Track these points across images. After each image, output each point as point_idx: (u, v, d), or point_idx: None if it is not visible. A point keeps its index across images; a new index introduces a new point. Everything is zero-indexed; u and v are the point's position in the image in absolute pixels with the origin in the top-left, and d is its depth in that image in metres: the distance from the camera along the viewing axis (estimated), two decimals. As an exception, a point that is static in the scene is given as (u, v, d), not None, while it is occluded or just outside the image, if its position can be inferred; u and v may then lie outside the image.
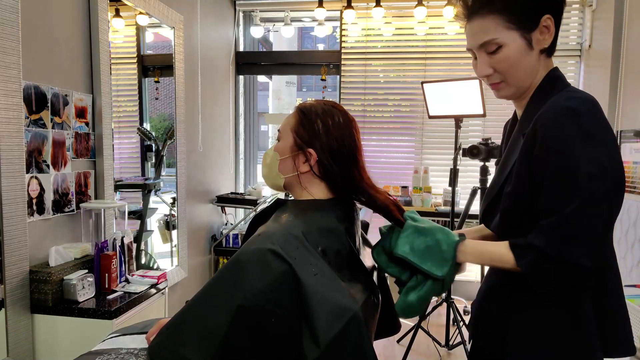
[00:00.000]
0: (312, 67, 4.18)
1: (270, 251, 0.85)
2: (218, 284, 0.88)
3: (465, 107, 2.84)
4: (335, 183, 1.01)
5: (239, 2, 4.06)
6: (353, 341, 0.83)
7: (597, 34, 3.44)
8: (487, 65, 0.97)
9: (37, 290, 1.74)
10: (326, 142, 0.99)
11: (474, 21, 0.96)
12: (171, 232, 3.01)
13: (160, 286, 2.09)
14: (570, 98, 0.89)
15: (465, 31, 1.00)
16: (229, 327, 0.81)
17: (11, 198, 1.65)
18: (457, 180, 2.85)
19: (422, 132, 3.90)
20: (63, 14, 1.93)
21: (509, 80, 0.98)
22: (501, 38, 0.93)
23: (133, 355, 1.04)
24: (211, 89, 3.52)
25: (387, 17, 3.87)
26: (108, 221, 2.14)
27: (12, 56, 1.62)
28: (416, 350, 2.89)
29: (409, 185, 3.72)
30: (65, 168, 1.94)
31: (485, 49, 0.96)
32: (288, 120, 1.05)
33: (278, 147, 1.04)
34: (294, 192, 1.06)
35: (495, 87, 1.01)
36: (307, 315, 0.82)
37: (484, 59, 0.97)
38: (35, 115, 1.77)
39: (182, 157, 2.97)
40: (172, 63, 2.85)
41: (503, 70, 0.96)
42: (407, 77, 3.94)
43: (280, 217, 0.99)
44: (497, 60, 0.96)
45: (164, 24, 2.76)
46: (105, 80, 2.13)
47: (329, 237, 0.96)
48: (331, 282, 0.86)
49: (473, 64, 1.02)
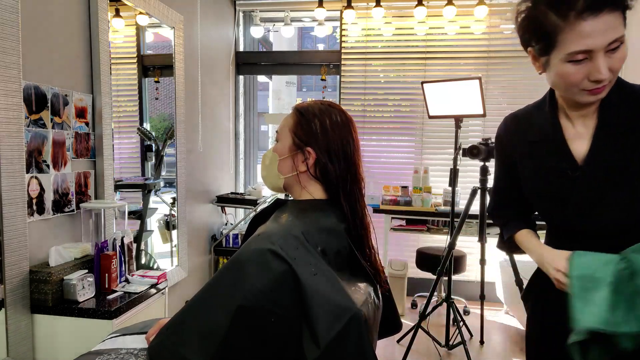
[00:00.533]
0: (312, 67, 4.18)
1: (270, 251, 0.85)
2: (218, 284, 0.88)
3: (465, 107, 2.83)
4: (334, 182, 1.01)
5: (239, 2, 4.06)
6: (353, 341, 0.83)
7: (597, 34, 3.43)
8: (607, 66, 0.88)
9: (37, 290, 1.74)
10: (324, 142, 0.99)
11: (602, 17, 0.84)
12: (171, 232, 3.01)
13: (160, 286, 2.09)
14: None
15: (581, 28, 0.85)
16: (228, 327, 0.81)
17: (11, 198, 1.65)
18: (457, 180, 2.85)
19: (422, 132, 3.90)
20: (63, 14, 1.93)
21: (613, 80, 0.92)
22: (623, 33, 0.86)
23: (133, 355, 1.04)
24: (211, 89, 3.52)
25: (387, 17, 3.86)
26: (108, 221, 2.15)
27: (12, 56, 1.62)
28: (416, 350, 2.89)
29: (409, 185, 3.72)
30: (65, 168, 1.94)
31: (611, 48, 0.87)
32: (286, 121, 1.05)
33: (277, 148, 1.05)
34: (293, 192, 1.06)
35: (601, 90, 0.92)
36: (307, 315, 0.82)
37: (605, 59, 0.87)
38: (35, 115, 1.77)
39: (182, 157, 2.97)
40: (172, 63, 2.85)
41: (617, 69, 0.90)
42: (407, 77, 3.94)
43: (280, 217, 0.99)
44: (617, 59, 0.88)
45: (164, 24, 2.76)
46: (105, 80, 2.13)
47: (329, 237, 0.96)
48: (331, 282, 0.86)
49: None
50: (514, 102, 3.73)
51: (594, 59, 0.87)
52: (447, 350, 2.92)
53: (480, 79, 2.67)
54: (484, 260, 2.91)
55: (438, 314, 3.43)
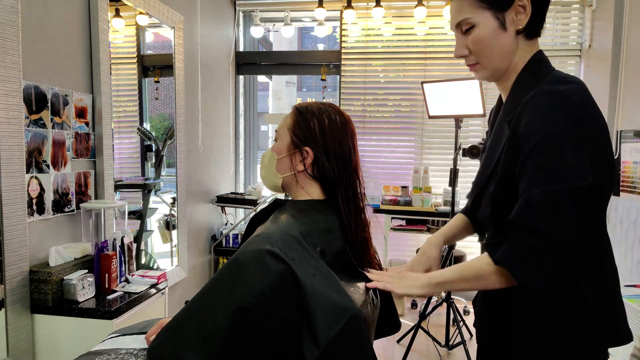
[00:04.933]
0: (312, 67, 4.18)
1: (269, 252, 0.85)
2: (217, 285, 0.88)
3: (465, 107, 2.84)
4: (329, 183, 1.01)
5: (239, 2, 4.06)
6: (352, 341, 0.83)
7: (597, 34, 3.43)
8: (463, 45, 0.97)
9: (37, 290, 1.74)
10: (322, 141, 1.00)
11: (454, 0, 0.97)
12: (171, 232, 3.01)
13: (160, 286, 2.09)
14: (559, 82, 0.87)
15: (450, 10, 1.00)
16: (228, 327, 0.81)
17: (11, 198, 1.65)
18: (457, 180, 2.85)
19: (422, 132, 3.90)
20: (63, 14, 1.93)
21: (483, 62, 0.96)
22: (473, 18, 0.93)
23: (133, 355, 1.04)
24: (211, 89, 3.52)
25: (387, 17, 3.87)
26: (108, 221, 2.15)
27: (12, 56, 1.62)
28: (416, 350, 2.89)
29: (409, 185, 3.73)
30: (65, 168, 1.94)
31: (461, 29, 0.96)
32: (285, 120, 1.06)
33: (275, 147, 1.05)
34: (291, 192, 1.06)
35: (472, 68, 1.00)
36: (306, 315, 0.82)
37: (460, 39, 0.97)
38: (35, 115, 1.77)
39: (182, 157, 2.97)
40: (172, 63, 2.85)
41: (476, 51, 0.95)
42: (407, 77, 3.94)
43: (279, 217, 0.99)
44: (470, 41, 0.95)
45: (164, 24, 2.76)
46: (105, 80, 2.13)
47: (328, 237, 0.96)
48: (330, 282, 0.86)
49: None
50: (514, 102, 3.72)
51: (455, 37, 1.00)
52: (447, 350, 2.92)
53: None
54: (484, 260, 2.90)
55: (438, 314, 3.43)
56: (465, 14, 0.93)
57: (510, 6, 0.91)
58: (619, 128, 2.96)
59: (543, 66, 0.94)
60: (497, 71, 0.97)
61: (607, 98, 3.11)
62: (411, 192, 3.66)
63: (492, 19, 0.92)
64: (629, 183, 2.82)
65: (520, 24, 0.92)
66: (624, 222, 2.76)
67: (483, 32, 0.93)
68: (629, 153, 2.84)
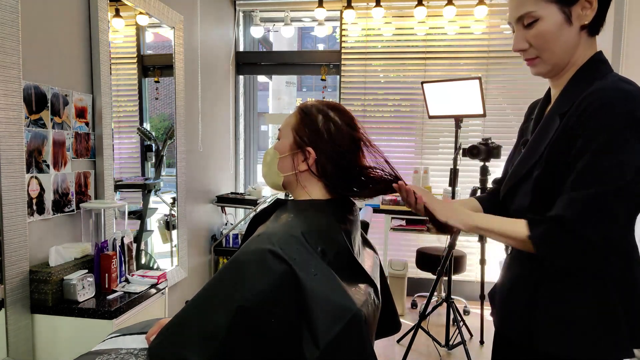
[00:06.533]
0: (312, 67, 4.18)
1: (270, 252, 0.85)
2: (218, 284, 0.88)
3: (465, 107, 2.83)
4: (332, 183, 1.01)
5: (239, 2, 4.06)
6: (353, 342, 0.83)
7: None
8: (523, 39, 0.95)
9: (37, 290, 1.74)
10: (325, 142, 1.00)
11: None
12: (171, 232, 3.01)
13: (160, 286, 2.09)
14: (623, 81, 0.87)
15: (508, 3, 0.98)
16: (228, 327, 0.81)
17: (11, 198, 1.64)
18: (457, 180, 2.85)
19: (422, 132, 3.90)
20: (63, 14, 1.93)
21: (544, 56, 0.95)
22: (538, 11, 0.91)
23: (133, 355, 1.04)
24: (211, 89, 3.52)
25: (387, 17, 3.87)
26: (108, 221, 2.14)
27: (12, 56, 1.62)
28: (416, 350, 2.89)
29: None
30: (65, 168, 1.94)
31: (522, 22, 0.94)
32: (289, 119, 1.06)
33: (278, 146, 1.05)
34: (293, 191, 1.06)
35: (530, 62, 0.98)
36: (306, 315, 0.82)
37: (520, 32, 0.95)
38: (35, 115, 1.77)
39: (182, 157, 2.97)
40: (172, 63, 2.85)
41: (538, 45, 0.94)
42: (407, 77, 3.94)
43: (280, 217, 0.99)
44: (532, 35, 0.93)
45: (164, 24, 2.76)
46: (105, 80, 2.13)
47: (329, 237, 0.96)
48: (331, 282, 0.86)
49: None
50: (514, 102, 3.73)
51: (515, 30, 0.98)
52: (447, 350, 2.92)
53: (480, 79, 2.67)
54: (484, 260, 2.91)
55: (438, 314, 3.43)
56: (529, 7, 0.92)
57: (577, 1, 0.90)
58: (619, 128, 2.96)
59: (604, 66, 0.95)
60: (557, 66, 0.96)
61: (607, 98, 3.11)
62: (411, 192, 3.65)
63: (558, 12, 0.91)
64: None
65: (586, 19, 0.92)
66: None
67: (548, 25, 0.91)
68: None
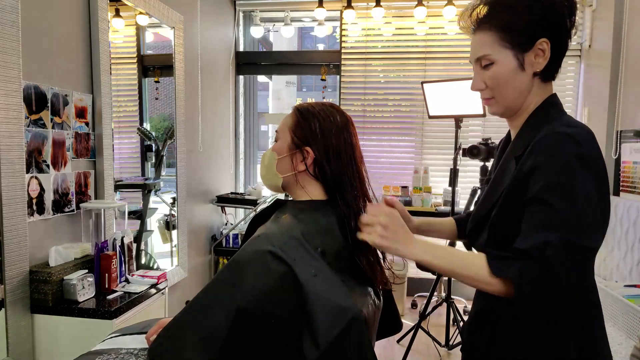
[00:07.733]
0: (312, 67, 4.18)
1: (270, 252, 0.85)
2: (218, 285, 0.88)
3: (465, 107, 2.84)
4: (329, 184, 1.01)
5: (239, 2, 4.06)
6: (353, 342, 0.83)
7: (597, 34, 3.43)
8: (480, 79, 1.00)
9: (37, 290, 1.74)
10: (323, 142, 1.00)
11: (476, 35, 0.99)
12: (171, 232, 3.01)
13: (160, 286, 2.09)
14: (569, 126, 0.89)
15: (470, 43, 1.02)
16: (229, 328, 0.81)
17: (11, 198, 1.65)
18: (457, 180, 2.86)
19: (422, 132, 3.90)
20: (63, 14, 1.93)
21: (498, 98, 0.99)
22: (494, 55, 0.95)
23: (133, 355, 1.05)
24: (211, 89, 3.52)
25: (387, 17, 3.87)
26: (108, 221, 2.15)
27: (12, 56, 1.62)
28: (416, 350, 2.89)
29: (409, 185, 3.73)
30: (65, 168, 1.94)
31: (480, 64, 0.99)
32: (286, 120, 1.05)
33: (276, 147, 1.05)
34: (292, 192, 1.06)
35: (486, 102, 1.03)
36: (307, 316, 0.82)
37: (478, 73, 1.00)
38: (35, 115, 1.77)
39: (182, 157, 2.97)
40: (172, 63, 2.85)
41: (492, 86, 0.98)
42: (407, 77, 3.94)
43: (280, 218, 0.99)
44: (488, 76, 0.98)
45: (164, 24, 2.76)
46: (105, 80, 2.13)
47: (329, 238, 0.96)
48: (331, 283, 0.86)
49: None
50: (514, 102, 3.73)
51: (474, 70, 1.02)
52: (447, 350, 2.92)
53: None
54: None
55: (438, 314, 3.43)
56: (487, 50, 0.96)
57: (531, 48, 0.93)
58: (618, 128, 2.96)
59: (555, 109, 0.97)
60: (510, 109, 1.00)
61: (607, 98, 3.11)
62: (411, 192, 3.66)
63: (512, 58, 0.94)
64: (629, 183, 2.82)
65: (538, 67, 0.95)
66: (624, 222, 2.76)
67: (502, 70, 0.95)
68: (628, 153, 2.84)
